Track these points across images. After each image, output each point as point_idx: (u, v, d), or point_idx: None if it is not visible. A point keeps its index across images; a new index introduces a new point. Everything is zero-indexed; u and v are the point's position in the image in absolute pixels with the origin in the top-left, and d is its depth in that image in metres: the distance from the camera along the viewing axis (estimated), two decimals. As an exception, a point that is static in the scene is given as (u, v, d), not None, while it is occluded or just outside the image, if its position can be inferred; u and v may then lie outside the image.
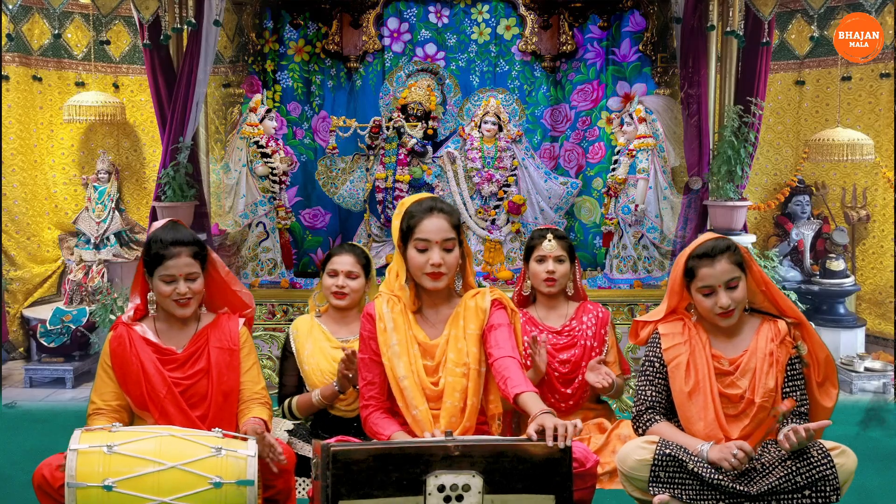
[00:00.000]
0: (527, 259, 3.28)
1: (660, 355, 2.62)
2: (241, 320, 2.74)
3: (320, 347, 3.12)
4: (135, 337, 2.60)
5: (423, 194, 2.67)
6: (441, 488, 2.02)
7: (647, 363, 2.66)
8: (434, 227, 2.47)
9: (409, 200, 2.58)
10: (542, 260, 3.21)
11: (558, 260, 3.20)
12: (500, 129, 5.18)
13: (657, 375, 2.62)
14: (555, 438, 2.06)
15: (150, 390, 2.55)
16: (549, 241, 3.20)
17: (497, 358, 2.44)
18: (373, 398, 2.56)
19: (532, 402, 2.26)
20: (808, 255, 5.64)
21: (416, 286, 2.56)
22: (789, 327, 2.58)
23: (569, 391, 3.16)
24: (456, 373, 2.48)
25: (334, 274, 3.18)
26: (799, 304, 4.67)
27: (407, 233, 2.51)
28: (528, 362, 3.08)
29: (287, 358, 3.19)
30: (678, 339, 2.61)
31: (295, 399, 3.13)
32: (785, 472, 2.34)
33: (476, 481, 2.03)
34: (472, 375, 2.49)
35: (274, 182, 5.06)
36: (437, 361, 2.52)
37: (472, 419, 2.48)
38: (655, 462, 2.39)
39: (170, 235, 2.60)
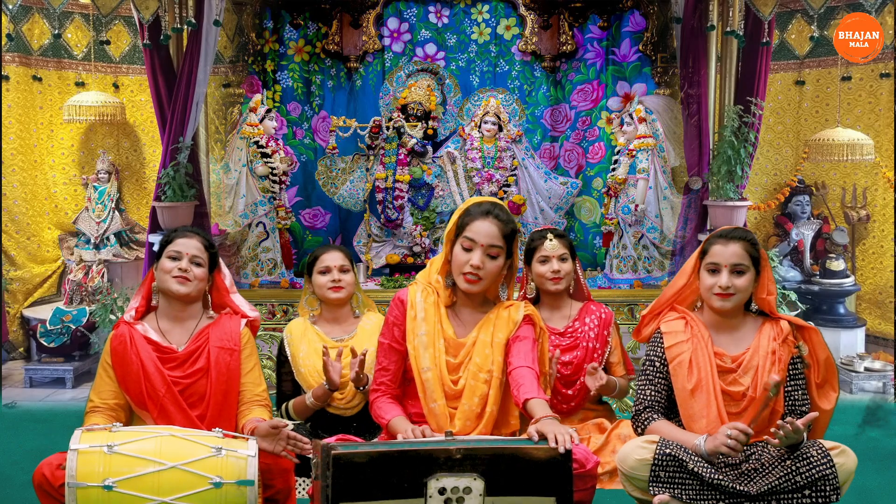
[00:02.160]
0: (528, 261, 3.27)
1: (661, 354, 2.63)
2: (243, 321, 2.74)
3: (315, 349, 3.12)
4: (136, 335, 2.60)
5: (488, 198, 2.67)
6: (442, 491, 2.02)
7: (647, 363, 2.67)
8: (484, 230, 2.48)
9: (472, 200, 2.61)
10: (545, 260, 3.20)
11: (562, 259, 3.20)
12: (500, 129, 5.18)
13: (658, 375, 2.62)
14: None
15: (149, 389, 2.55)
16: (551, 240, 3.20)
17: (515, 367, 2.46)
18: (384, 384, 2.58)
19: (538, 407, 2.28)
20: (808, 255, 5.64)
21: (454, 283, 2.57)
22: (791, 327, 2.58)
23: (570, 392, 3.15)
24: (479, 378, 2.50)
25: (327, 271, 3.18)
26: (799, 304, 4.68)
27: (459, 229, 2.53)
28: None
29: (282, 364, 3.20)
30: (680, 336, 2.62)
31: (291, 402, 3.14)
32: (785, 471, 2.34)
33: (477, 484, 2.02)
34: (494, 384, 2.50)
35: (274, 182, 5.06)
36: (460, 360, 2.54)
37: (488, 426, 2.49)
38: (655, 462, 2.39)
39: (188, 227, 2.77)
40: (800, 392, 2.54)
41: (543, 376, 2.59)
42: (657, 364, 2.63)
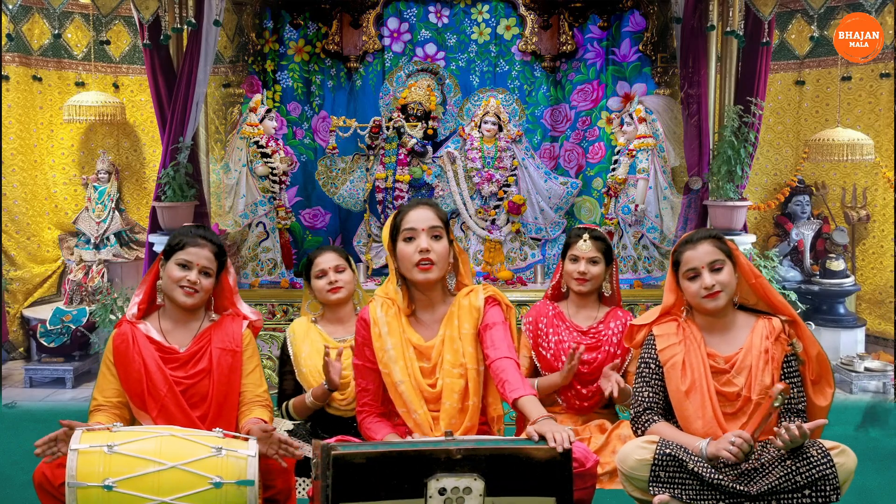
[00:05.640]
0: (564, 255, 3.26)
1: (655, 356, 2.63)
2: (245, 322, 2.75)
3: (317, 349, 3.12)
4: (138, 335, 2.61)
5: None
6: (442, 491, 2.02)
7: (643, 365, 2.67)
8: (419, 216, 2.50)
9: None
10: (575, 260, 3.18)
11: (592, 261, 3.17)
12: (500, 129, 5.18)
13: (653, 376, 2.63)
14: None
15: (150, 388, 2.56)
16: (585, 241, 3.17)
17: (494, 359, 2.43)
18: (367, 404, 2.57)
19: (532, 406, 2.26)
20: (808, 255, 5.64)
21: (408, 290, 2.56)
22: (784, 325, 2.58)
23: (586, 392, 3.15)
24: (453, 374, 2.48)
25: (323, 274, 3.19)
26: (799, 304, 4.68)
27: (395, 231, 2.52)
28: (560, 365, 3.10)
29: (285, 362, 3.21)
30: (673, 339, 2.62)
31: (291, 401, 3.14)
32: (785, 471, 2.34)
33: (477, 484, 2.02)
34: (470, 375, 2.49)
35: (274, 182, 5.06)
36: (433, 363, 2.52)
37: (473, 419, 2.48)
38: (655, 462, 2.39)
39: (200, 231, 2.70)
40: (796, 390, 2.54)
41: (518, 353, 2.56)
42: (652, 366, 2.63)
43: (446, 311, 2.57)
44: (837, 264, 5.41)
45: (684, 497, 2.38)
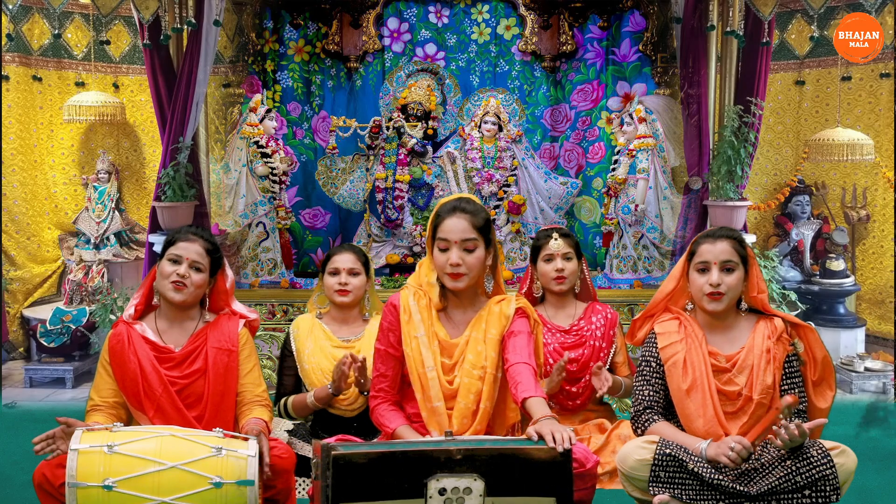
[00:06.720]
0: (533, 260, 3.29)
1: (656, 354, 2.63)
2: (242, 321, 2.74)
3: (321, 346, 3.12)
4: (134, 335, 2.61)
5: (457, 194, 2.66)
6: (442, 491, 2.02)
7: (643, 363, 2.67)
8: (454, 227, 2.49)
9: (442, 200, 2.60)
10: (549, 259, 3.22)
11: (566, 258, 3.21)
12: (500, 129, 5.18)
13: (654, 375, 2.63)
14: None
15: (146, 388, 2.56)
16: (556, 239, 3.21)
17: (512, 363, 2.45)
18: (382, 390, 2.58)
19: (537, 406, 2.28)
20: (808, 255, 5.64)
21: (443, 286, 2.58)
22: (786, 325, 2.59)
23: (575, 390, 3.17)
24: (473, 375, 2.50)
25: (336, 272, 3.19)
26: (799, 304, 4.68)
27: (434, 232, 2.54)
28: (548, 367, 3.12)
29: (286, 357, 3.20)
30: (674, 337, 2.62)
31: (291, 399, 3.13)
32: (785, 472, 2.34)
33: (477, 484, 2.02)
34: (487, 379, 2.50)
35: (274, 182, 5.06)
36: (454, 361, 2.54)
37: (483, 423, 2.49)
38: (655, 462, 2.40)
39: (192, 228, 2.71)
40: (797, 390, 2.54)
41: (540, 367, 2.59)
42: (653, 364, 2.64)
43: (476, 313, 2.59)
44: (837, 264, 5.41)
45: (684, 497, 2.38)
